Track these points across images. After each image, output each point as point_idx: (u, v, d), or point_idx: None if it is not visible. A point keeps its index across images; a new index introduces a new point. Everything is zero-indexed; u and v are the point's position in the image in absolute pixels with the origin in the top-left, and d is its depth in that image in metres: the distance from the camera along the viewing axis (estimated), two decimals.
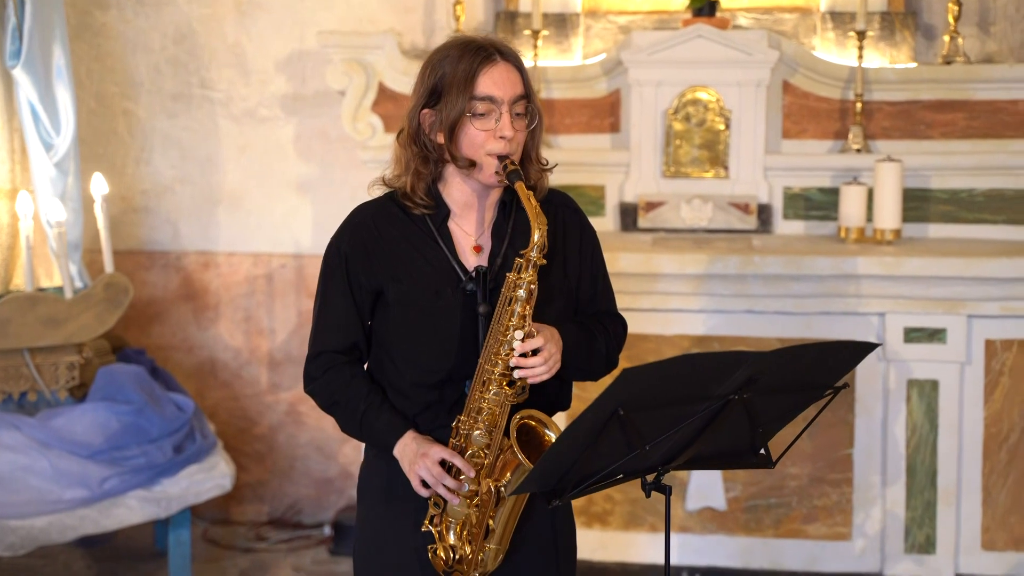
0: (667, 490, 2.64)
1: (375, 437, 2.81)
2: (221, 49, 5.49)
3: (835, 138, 4.86)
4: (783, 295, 4.37)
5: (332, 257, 2.86)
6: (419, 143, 2.77)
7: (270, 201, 5.53)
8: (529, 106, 2.77)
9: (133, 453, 4.63)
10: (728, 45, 4.74)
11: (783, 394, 2.53)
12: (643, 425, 2.43)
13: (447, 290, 2.76)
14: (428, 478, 2.70)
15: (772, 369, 2.45)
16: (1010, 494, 4.41)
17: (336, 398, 2.84)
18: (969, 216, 4.74)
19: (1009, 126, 4.78)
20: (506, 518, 2.74)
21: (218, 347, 5.61)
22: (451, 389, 2.77)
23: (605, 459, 2.48)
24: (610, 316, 2.94)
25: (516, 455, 2.65)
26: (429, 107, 2.75)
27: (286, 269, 5.54)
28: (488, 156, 2.71)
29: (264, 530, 5.55)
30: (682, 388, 2.41)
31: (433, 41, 5.33)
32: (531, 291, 2.67)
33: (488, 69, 2.72)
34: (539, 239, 2.66)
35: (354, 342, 2.85)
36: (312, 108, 5.47)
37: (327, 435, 5.56)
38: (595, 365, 2.87)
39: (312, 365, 2.89)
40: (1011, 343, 4.35)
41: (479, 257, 2.80)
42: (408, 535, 2.82)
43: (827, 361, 2.52)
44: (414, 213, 2.79)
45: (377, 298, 2.82)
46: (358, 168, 5.42)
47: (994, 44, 5.06)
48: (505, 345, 2.66)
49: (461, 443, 2.72)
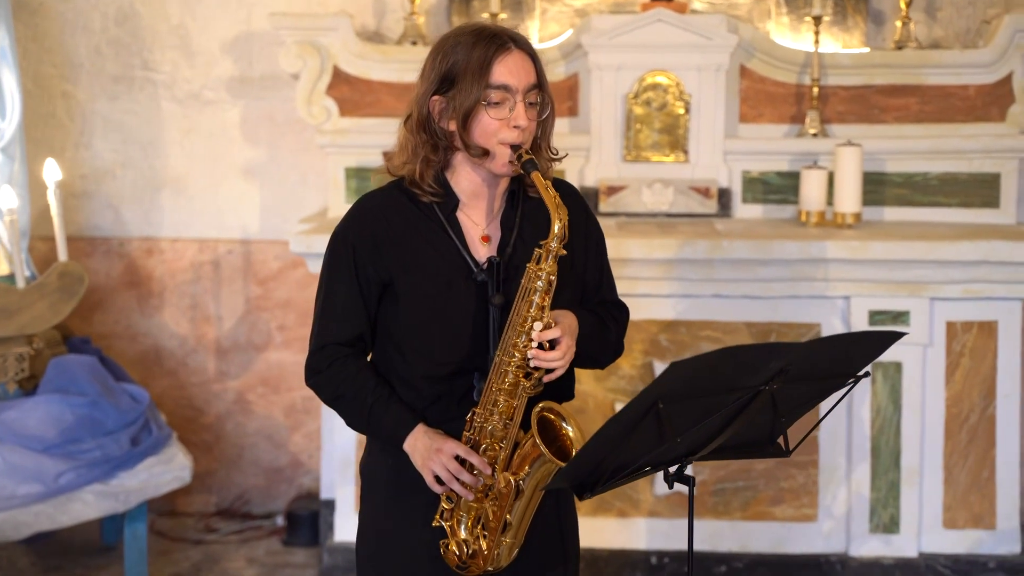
0: (691, 481, 2.64)
1: (383, 431, 2.76)
2: (165, 30, 5.36)
3: (791, 122, 4.90)
4: (751, 279, 4.40)
5: (338, 247, 2.79)
6: (428, 130, 2.73)
7: (216, 186, 5.43)
8: (542, 95, 2.75)
9: (89, 446, 4.52)
10: (688, 29, 4.75)
11: (808, 383, 2.55)
12: (676, 417, 2.42)
13: (458, 281, 2.72)
14: (443, 474, 2.67)
15: (802, 359, 2.45)
16: (970, 473, 4.50)
17: (342, 391, 2.79)
18: (923, 199, 4.81)
19: (960, 110, 4.86)
20: (523, 512, 2.72)
21: (163, 335, 5.49)
22: (461, 381, 2.74)
23: (635, 451, 2.47)
24: (614, 304, 2.93)
25: (537, 448, 2.63)
26: (440, 94, 2.71)
27: (233, 255, 5.44)
28: (501, 145, 2.68)
29: (213, 521, 5.46)
30: (718, 380, 2.41)
31: (384, 23, 5.26)
32: (550, 282, 2.65)
33: (503, 57, 2.69)
34: (559, 229, 2.64)
35: (359, 334, 2.79)
36: (259, 91, 5.37)
37: (276, 424, 5.48)
38: (605, 353, 2.87)
39: (316, 358, 2.82)
40: (971, 325, 4.44)
41: (488, 247, 2.76)
42: (417, 530, 2.78)
43: (853, 350, 2.54)
44: (422, 201, 2.75)
45: (384, 289, 2.77)
46: (307, 152, 5.34)
47: (940, 30, 5.14)
48: (523, 336, 2.64)
49: (474, 436, 2.69)
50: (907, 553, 4.46)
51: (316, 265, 4.53)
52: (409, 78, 4.95)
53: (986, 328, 4.43)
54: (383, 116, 4.96)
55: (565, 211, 2.66)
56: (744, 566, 4.49)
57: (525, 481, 2.68)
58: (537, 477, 2.69)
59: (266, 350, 5.46)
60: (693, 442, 2.55)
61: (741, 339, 4.44)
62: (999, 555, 4.48)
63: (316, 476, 5.44)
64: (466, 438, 2.70)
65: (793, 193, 4.83)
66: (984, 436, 4.49)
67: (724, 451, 2.68)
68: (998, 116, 4.84)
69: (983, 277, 4.37)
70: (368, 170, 4.91)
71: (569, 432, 2.69)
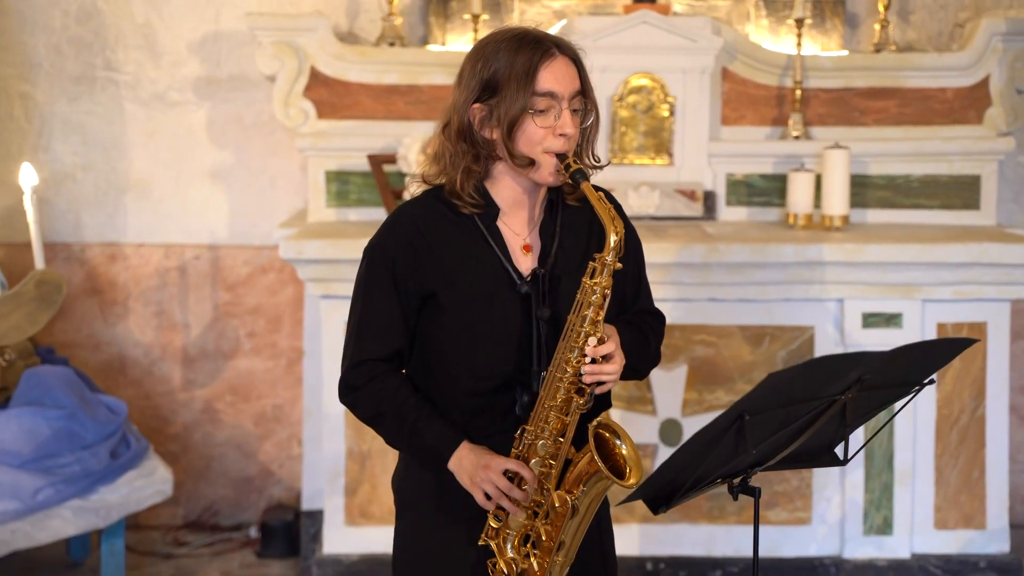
0: (756, 492, 2.61)
1: (425, 450, 2.68)
2: (129, 29, 5.20)
3: (772, 124, 4.91)
4: (746, 283, 4.39)
5: (376, 259, 2.71)
6: (469, 140, 2.66)
7: (182, 189, 5.28)
8: (585, 101, 2.69)
9: (67, 461, 4.37)
10: (673, 31, 4.72)
11: (879, 392, 2.53)
12: (756, 428, 2.39)
13: (502, 293, 2.66)
14: (492, 491, 2.60)
15: (880, 368, 2.43)
16: (961, 474, 4.54)
17: (383, 408, 2.70)
18: (906, 202, 4.85)
19: (938, 113, 4.90)
20: (575, 530, 2.67)
21: (128, 343, 5.33)
22: (504, 396, 2.67)
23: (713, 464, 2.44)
24: (651, 314, 2.89)
25: (594, 464, 2.57)
26: (481, 102, 2.64)
27: (200, 261, 5.30)
28: (546, 154, 2.62)
29: (182, 534, 5.31)
30: (802, 390, 2.38)
31: (358, 24, 5.16)
32: (605, 296, 2.60)
33: (549, 63, 2.63)
34: (616, 243, 2.58)
35: (398, 349, 2.71)
36: (227, 92, 5.23)
37: (246, 433, 5.35)
38: (646, 364, 2.82)
39: (353, 374, 2.73)
40: (961, 326, 4.47)
41: (530, 257, 2.70)
42: (462, 549, 2.71)
43: (925, 358, 2.53)
44: (461, 212, 2.68)
45: (424, 302, 2.69)
46: (276, 155, 5.23)
47: (913, 33, 5.18)
48: (576, 351, 2.58)
49: (524, 453, 2.63)
50: (900, 555, 4.48)
51: (305, 271, 4.46)
52: (388, 80, 4.87)
53: (976, 329, 4.46)
54: (362, 118, 4.86)
55: (621, 224, 2.61)
56: (739, 571, 4.48)
57: (580, 499, 2.63)
58: (592, 495, 2.64)
59: (235, 357, 5.33)
60: (761, 453, 2.52)
61: (735, 343, 4.43)
62: (989, 554, 4.52)
63: (288, 486, 5.32)
64: (515, 455, 2.63)
65: (777, 196, 4.83)
66: (974, 437, 4.53)
67: (784, 461, 2.66)
68: (975, 119, 4.89)
69: (973, 279, 4.41)
70: (349, 173, 4.82)
71: (623, 450, 2.64)
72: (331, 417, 4.45)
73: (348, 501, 4.47)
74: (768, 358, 4.45)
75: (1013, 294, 4.46)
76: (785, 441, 2.51)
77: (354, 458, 4.46)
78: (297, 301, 5.24)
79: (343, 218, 4.82)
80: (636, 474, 2.59)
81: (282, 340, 5.29)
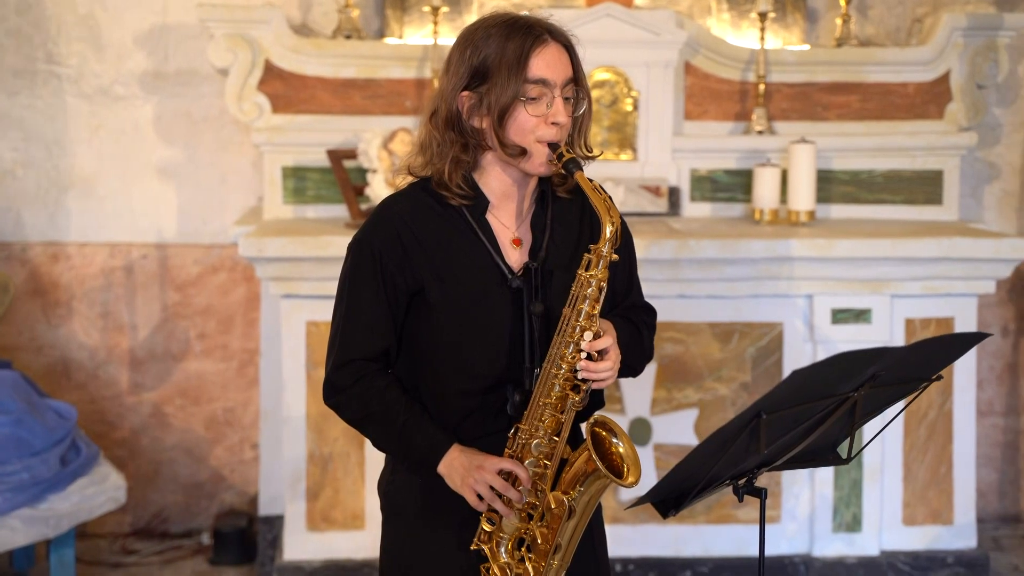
0: (763, 493, 2.55)
1: (415, 452, 2.58)
2: (72, 21, 5.02)
3: (735, 119, 4.86)
4: (716, 279, 4.33)
5: (361, 255, 2.60)
6: (458, 128, 2.56)
7: (128, 186, 5.11)
8: (578, 89, 2.61)
9: (15, 468, 4.20)
10: (636, 25, 4.66)
11: (890, 388, 2.47)
12: (770, 427, 2.32)
13: (493, 288, 2.57)
14: (486, 492, 2.51)
15: (895, 364, 2.37)
16: (928, 469, 4.52)
17: (371, 410, 2.59)
18: (869, 197, 4.82)
19: (900, 108, 4.88)
20: (571, 531, 2.58)
21: (72, 346, 5.15)
22: (494, 396, 2.58)
23: (726, 464, 2.36)
24: (643, 308, 2.82)
25: (592, 463, 2.49)
26: (470, 89, 2.54)
27: (148, 260, 5.13)
28: (538, 143, 2.54)
29: (130, 542, 5.15)
30: (819, 387, 2.32)
31: (310, 17, 5.03)
32: (601, 288, 2.52)
33: (541, 50, 2.56)
34: (612, 233, 2.51)
35: (386, 348, 2.61)
36: (174, 87, 5.07)
37: (196, 437, 5.19)
38: (641, 360, 2.75)
39: (339, 374, 2.61)
40: (929, 321, 4.45)
41: (519, 251, 2.62)
42: (453, 554, 2.62)
43: (938, 354, 2.47)
44: (449, 204, 2.58)
45: (413, 298, 2.59)
46: (227, 151, 5.09)
47: (872, 28, 5.16)
48: (571, 346, 2.50)
49: (517, 453, 2.54)
50: (869, 552, 4.45)
51: (266, 270, 4.32)
52: (345, 73, 4.75)
53: (943, 324, 4.44)
54: (318, 113, 4.74)
55: (618, 214, 2.54)
56: (709, 571, 4.42)
57: (577, 500, 2.54)
58: (589, 495, 2.56)
59: (185, 360, 5.17)
60: (770, 452, 2.45)
61: (704, 340, 4.37)
62: (956, 550, 4.50)
63: (240, 491, 5.18)
64: (508, 455, 2.55)
65: (741, 191, 4.78)
66: (942, 432, 4.51)
67: (790, 461, 2.59)
68: (936, 113, 4.87)
69: (942, 274, 4.39)
70: (307, 169, 4.69)
71: (620, 449, 2.56)
72: (292, 420, 4.32)
73: (310, 506, 4.35)
74: (737, 355, 4.40)
75: (980, 289, 4.45)
76: (795, 440, 2.44)
77: (316, 462, 4.34)
78: (250, 301, 5.09)
79: (301, 215, 4.69)
80: (634, 473, 2.52)
81: (234, 341, 5.14)
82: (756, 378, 4.41)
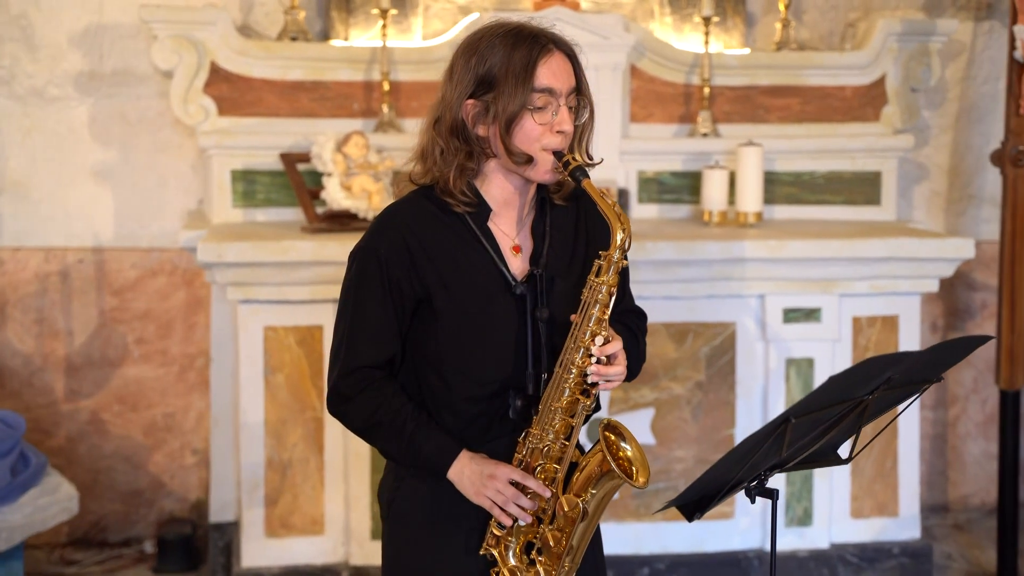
0: (775, 494, 2.60)
1: (423, 459, 2.59)
2: (3, 21, 4.89)
3: (680, 122, 4.92)
4: (672, 280, 4.38)
5: (367, 262, 2.60)
6: (463, 137, 2.58)
7: (63, 189, 4.99)
8: (581, 99, 2.65)
9: None
10: (585, 28, 4.68)
11: (897, 391, 2.53)
12: (795, 431, 2.37)
13: (497, 295, 2.60)
14: (499, 500, 2.53)
15: (909, 367, 2.44)
16: (875, 463, 4.63)
17: (378, 418, 2.59)
18: (811, 198, 4.92)
19: (838, 111, 4.99)
20: (583, 533, 2.62)
21: (5, 353, 5.02)
22: (498, 401, 2.61)
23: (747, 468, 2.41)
24: (634, 312, 2.87)
25: (606, 464, 2.55)
26: (474, 98, 2.56)
27: (84, 264, 5.03)
28: (543, 151, 2.57)
29: (68, 552, 5.04)
30: (844, 391, 2.37)
31: (252, 18, 4.97)
32: (611, 294, 2.57)
33: (547, 59, 2.61)
34: (622, 240, 2.55)
35: (391, 355, 2.62)
36: (110, 88, 4.97)
37: (135, 444, 5.09)
38: (638, 364, 2.80)
39: (345, 382, 2.61)
40: (875, 319, 4.56)
41: (520, 258, 2.64)
42: (461, 560, 2.63)
43: (944, 356, 2.54)
44: (452, 211, 2.60)
45: (418, 306, 2.60)
46: (164, 153, 5.00)
47: (806, 32, 5.26)
48: (581, 351, 2.54)
49: (527, 458, 2.57)
50: (820, 545, 4.55)
51: (223, 275, 4.26)
52: (293, 76, 4.71)
53: (889, 322, 4.56)
54: (266, 115, 4.69)
55: (628, 221, 2.58)
56: (666, 567, 4.48)
57: (590, 502, 2.58)
58: (601, 496, 2.60)
59: (123, 365, 5.07)
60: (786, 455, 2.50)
61: (659, 341, 4.42)
62: (902, 541, 4.62)
63: (181, 497, 5.10)
64: (517, 460, 2.58)
65: (687, 193, 4.84)
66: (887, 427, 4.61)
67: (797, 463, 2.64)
68: (873, 116, 4.99)
69: (887, 273, 4.50)
70: (256, 172, 4.63)
71: (627, 451, 2.61)
72: (249, 426, 4.27)
73: (268, 512, 4.30)
74: (691, 355, 4.46)
75: (923, 287, 4.57)
76: (810, 442, 2.50)
77: (274, 468, 4.29)
78: (190, 305, 5.02)
79: (251, 219, 4.63)
80: (643, 473, 2.58)
81: (174, 346, 5.06)
82: (710, 377, 4.47)
